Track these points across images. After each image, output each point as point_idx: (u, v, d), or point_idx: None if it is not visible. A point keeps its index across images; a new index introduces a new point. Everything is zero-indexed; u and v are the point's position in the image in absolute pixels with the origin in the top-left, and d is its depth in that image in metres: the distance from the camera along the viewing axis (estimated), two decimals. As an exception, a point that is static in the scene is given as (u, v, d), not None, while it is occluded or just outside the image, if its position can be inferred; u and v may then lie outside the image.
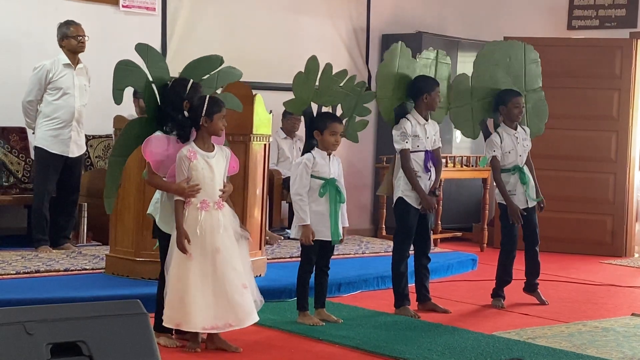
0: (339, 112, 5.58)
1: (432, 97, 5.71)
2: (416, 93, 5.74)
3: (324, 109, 5.51)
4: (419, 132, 5.70)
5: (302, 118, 5.75)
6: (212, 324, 4.57)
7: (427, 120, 5.76)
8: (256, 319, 4.69)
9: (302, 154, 5.38)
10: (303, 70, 5.44)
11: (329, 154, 5.30)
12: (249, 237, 4.81)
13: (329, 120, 5.30)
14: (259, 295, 4.72)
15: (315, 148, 5.30)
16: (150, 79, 4.71)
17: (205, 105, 4.57)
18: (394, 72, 5.75)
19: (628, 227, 8.97)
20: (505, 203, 6.04)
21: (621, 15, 9.20)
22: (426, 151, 5.73)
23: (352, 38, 9.40)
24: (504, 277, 6.22)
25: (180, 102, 4.60)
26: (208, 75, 4.87)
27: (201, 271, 4.56)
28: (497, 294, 6.24)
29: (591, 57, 8.95)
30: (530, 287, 6.32)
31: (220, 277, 4.57)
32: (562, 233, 8.99)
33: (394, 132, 5.73)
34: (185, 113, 4.59)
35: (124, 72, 4.71)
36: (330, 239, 5.31)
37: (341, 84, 5.55)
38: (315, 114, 5.44)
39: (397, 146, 5.70)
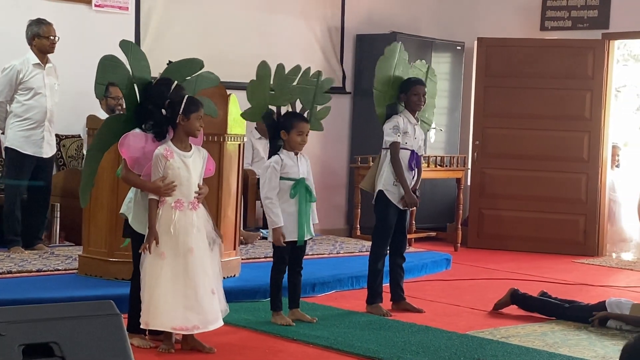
0: (298, 106, 5.49)
1: (407, 96, 5.76)
2: (398, 92, 5.80)
3: (283, 108, 5.45)
4: (409, 130, 5.76)
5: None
6: (180, 325, 4.56)
7: (416, 121, 5.83)
8: (221, 324, 4.68)
9: (269, 157, 5.33)
10: (255, 78, 5.32)
11: (297, 154, 5.28)
12: (222, 242, 4.80)
13: (295, 120, 5.27)
14: (225, 305, 4.70)
15: (282, 149, 5.26)
16: (132, 76, 4.69)
17: (184, 104, 4.56)
18: (392, 67, 5.81)
19: (600, 227, 9.04)
20: None
21: (593, 17, 9.27)
22: (412, 151, 5.78)
23: (326, 38, 9.40)
24: None
25: (162, 101, 4.58)
26: (189, 78, 4.85)
27: (172, 271, 4.55)
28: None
29: (564, 57, 9.02)
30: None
31: (192, 278, 4.56)
32: (535, 233, 9.05)
33: (385, 126, 5.77)
34: (163, 111, 4.58)
35: (108, 67, 4.67)
36: (303, 239, 5.29)
37: (295, 81, 5.44)
38: (277, 116, 5.36)
39: (388, 139, 5.73)
